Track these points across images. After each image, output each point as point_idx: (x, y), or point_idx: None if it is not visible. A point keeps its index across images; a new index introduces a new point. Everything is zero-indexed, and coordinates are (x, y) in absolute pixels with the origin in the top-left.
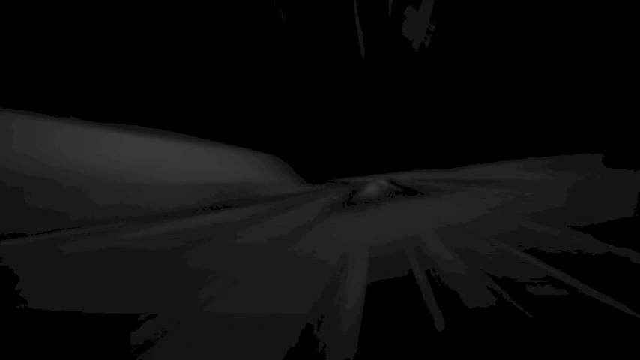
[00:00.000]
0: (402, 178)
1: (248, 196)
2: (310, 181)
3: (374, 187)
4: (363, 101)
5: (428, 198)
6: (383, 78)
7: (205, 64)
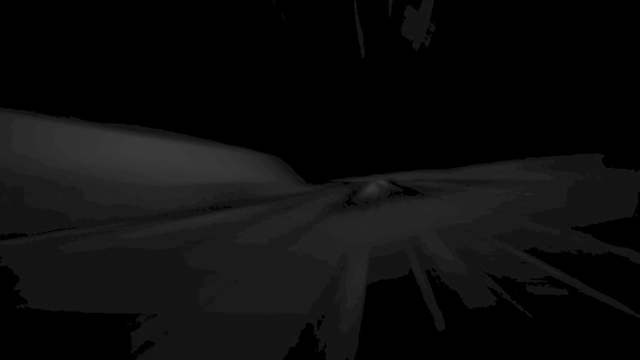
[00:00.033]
0: (402, 178)
1: (248, 196)
2: (310, 181)
3: (374, 187)
4: (362, 101)
5: (428, 198)
6: (383, 78)
7: (205, 64)
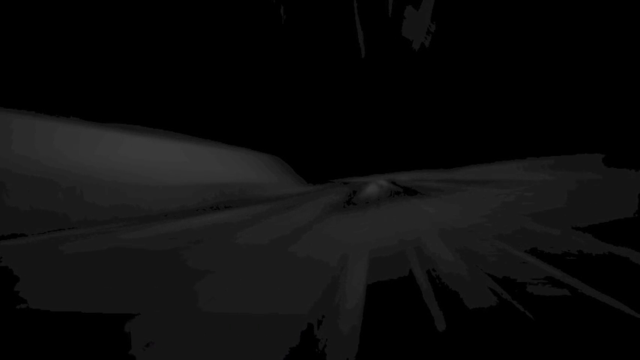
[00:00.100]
0: (402, 178)
1: (248, 197)
2: (310, 181)
3: (374, 187)
4: (363, 101)
5: (428, 198)
6: (383, 78)
7: (205, 63)
